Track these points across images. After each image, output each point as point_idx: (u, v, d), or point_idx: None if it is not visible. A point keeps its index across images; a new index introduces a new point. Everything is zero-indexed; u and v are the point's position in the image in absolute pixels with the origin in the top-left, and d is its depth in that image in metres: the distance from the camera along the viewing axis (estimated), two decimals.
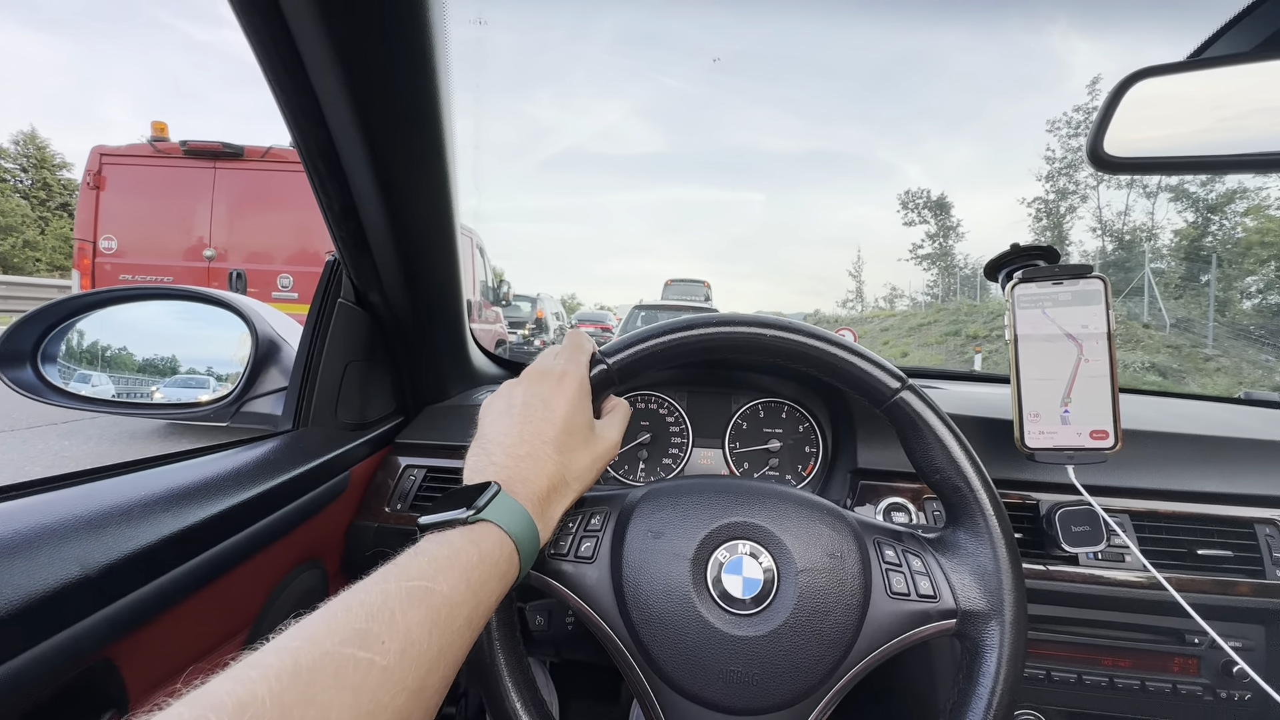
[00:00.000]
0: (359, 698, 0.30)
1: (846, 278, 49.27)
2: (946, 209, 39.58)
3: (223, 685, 0.27)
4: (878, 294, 46.59)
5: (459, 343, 0.99)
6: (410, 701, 0.33)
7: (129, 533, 0.48)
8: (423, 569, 0.37)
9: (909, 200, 40.43)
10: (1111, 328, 0.70)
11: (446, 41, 0.61)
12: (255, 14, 0.50)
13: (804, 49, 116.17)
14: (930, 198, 39.87)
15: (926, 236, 39.96)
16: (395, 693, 0.32)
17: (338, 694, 0.29)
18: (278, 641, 0.30)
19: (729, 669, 0.49)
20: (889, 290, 44.79)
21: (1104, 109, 0.56)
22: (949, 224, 39.34)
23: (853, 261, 47.93)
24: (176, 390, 0.89)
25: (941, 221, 39.44)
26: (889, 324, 25.09)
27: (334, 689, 0.29)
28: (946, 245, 38.94)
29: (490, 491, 0.44)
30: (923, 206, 39.95)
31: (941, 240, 39.18)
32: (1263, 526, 0.75)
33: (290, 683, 0.28)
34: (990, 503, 0.52)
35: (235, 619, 0.63)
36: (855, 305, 46.18)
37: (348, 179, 0.67)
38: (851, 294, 47.81)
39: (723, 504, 0.54)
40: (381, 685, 0.31)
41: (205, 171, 5.07)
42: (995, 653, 0.49)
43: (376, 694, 0.31)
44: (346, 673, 0.30)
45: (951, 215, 39.67)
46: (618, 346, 0.58)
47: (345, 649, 0.31)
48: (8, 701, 0.37)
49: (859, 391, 0.56)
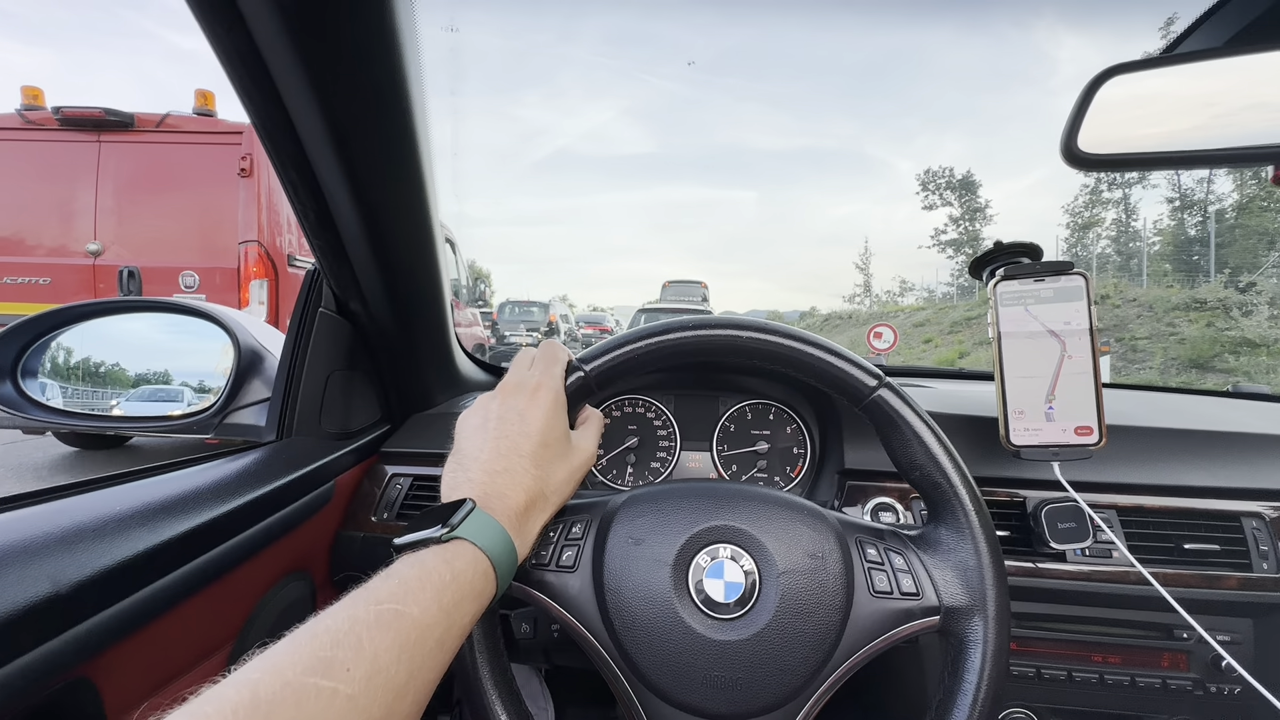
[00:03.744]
0: None
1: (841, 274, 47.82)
2: (973, 189, 36.16)
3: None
4: (886, 287, 43.79)
5: (444, 350, 0.98)
6: None
7: (103, 548, 0.47)
8: (393, 591, 0.37)
9: (929, 181, 37.06)
10: (1094, 324, 0.70)
11: (417, 46, 0.61)
12: (219, 26, 0.50)
13: (791, 46, 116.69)
14: (954, 177, 36.49)
15: (950, 220, 36.76)
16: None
17: None
18: (239, 673, 0.30)
19: (713, 674, 0.49)
20: (898, 283, 41.89)
21: (1077, 106, 0.56)
22: (976, 205, 36.06)
23: (859, 254, 44.36)
24: (146, 404, 0.88)
25: (967, 203, 36.19)
26: (921, 318, 21.63)
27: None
28: (974, 229, 35.70)
29: (465, 509, 0.44)
30: (945, 187, 36.69)
31: (967, 224, 36.01)
32: (1249, 520, 0.75)
33: (247, 716, 0.28)
34: (970, 498, 0.52)
35: (220, 632, 0.63)
36: (863, 300, 42.81)
37: (322, 188, 0.66)
38: (859, 288, 44.46)
39: (703, 508, 0.54)
40: (345, 714, 0.30)
41: (88, 146, 4.08)
42: (979, 648, 0.49)
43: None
44: (308, 703, 0.29)
45: (978, 195, 36.28)
46: (595, 353, 0.58)
47: (307, 678, 0.30)
48: None
49: (838, 391, 0.56)
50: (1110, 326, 13.72)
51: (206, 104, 4.28)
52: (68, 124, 4.09)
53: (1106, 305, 14.52)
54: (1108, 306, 14.45)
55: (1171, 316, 13.09)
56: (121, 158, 4.12)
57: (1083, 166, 0.58)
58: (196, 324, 0.87)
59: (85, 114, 4.06)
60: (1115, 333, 13.32)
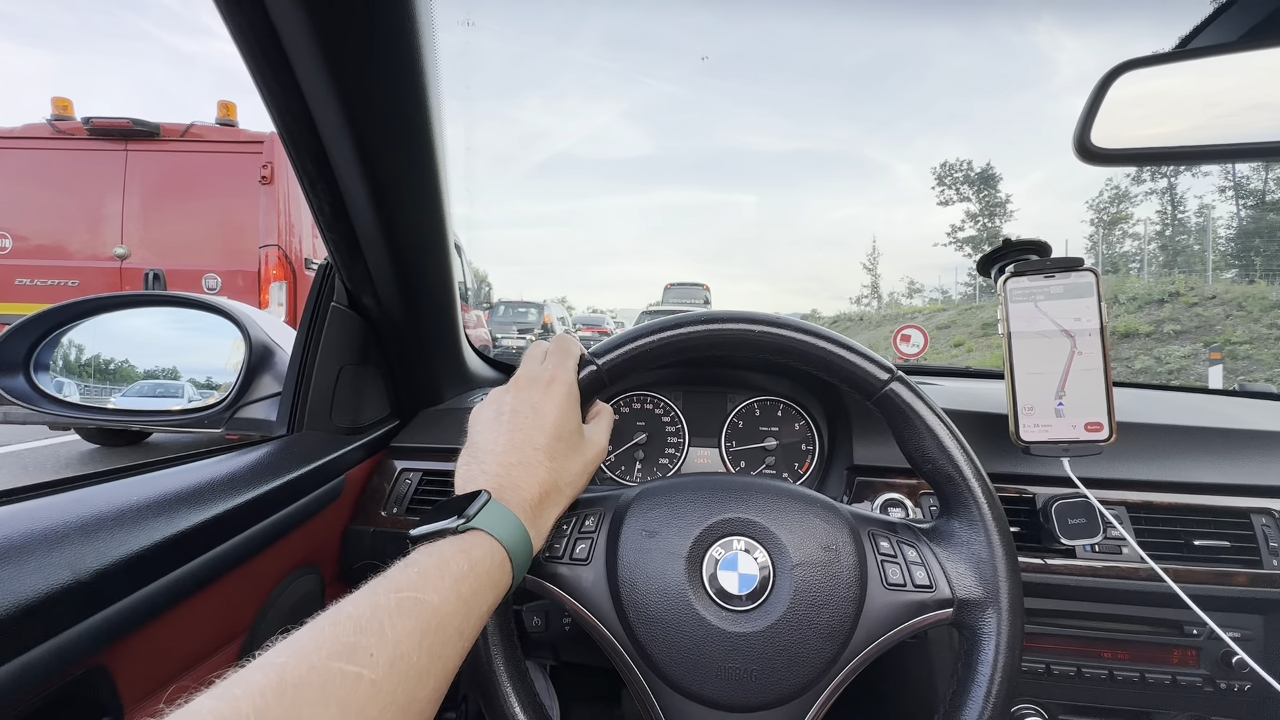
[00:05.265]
0: (346, 712, 0.29)
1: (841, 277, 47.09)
2: (992, 183, 34.41)
3: (206, 703, 0.27)
4: (890, 289, 42.25)
5: (454, 345, 0.98)
6: (400, 715, 0.32)
7: (121, 538, 0.48)
8: (412, 580, 0.37)
9: (945, 174, 35.51)
10: (1104, 321, 0.71)
11: (435, 42, 0.61)
12: (241, 17, 0.50)
13: (790, 49, 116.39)
14: (972, 170, 34.85)
15: (967, 216, 35.18)
16: (384, 706, 0.31)
17: (324, 709, 0.29)
18: (264, 657, 0.30)
19: (727, 666, 0.49)
20: (907, 283, 40.51)
21: (1090, 101, 0.56)
22: (996, 200, 34.38)
23: (867, 254, 43.21)
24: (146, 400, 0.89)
25: (986, 198, 34.55)
26: (944, 320, 19.97)
27: (320, 704, 0.29)
28: (994, 226, 34.13)
29: (481, 500, 0.44)
30: (962, 181, 35.15)
31: (986, 220, 34.43)
32: (1259, 516, 0.75)
33: (275, 699, 0.28)
34: (983, 491, 0.52)
35: (231, 624, 0.63)
36: (870, 301, 41.05)
37: (338, 182, 0.66)
38: (866, 289, 42.96)
39: (716, 501, 0.54)
40: (370, 699, 0.31)
41: (115, 155, 4.29)
42: (993, 640, 0.49)
43: (365, 708, 0.30)
44: (334, 687, 0.30)
45: (998, 190, 34.46)
46: (607, 347, 0.58)
47: (332, 663, 0.30)
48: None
49: (849, 384, 0.56)
50: (1192, 329, 12.22)
51: (229, 115, 4.48)
52: (96, 134, 4.29)
53: (1179, 304, 12.88)
54: (1181, 305, 12.83)
55: (1273, 316, 11.57)
56: (147, 166, 4.32)
57: (1095, 161, 0.58)
58: (208, 319, 0.87)
59: (113, 124, 4.26)
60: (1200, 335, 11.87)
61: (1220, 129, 0.56)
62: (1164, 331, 12.42)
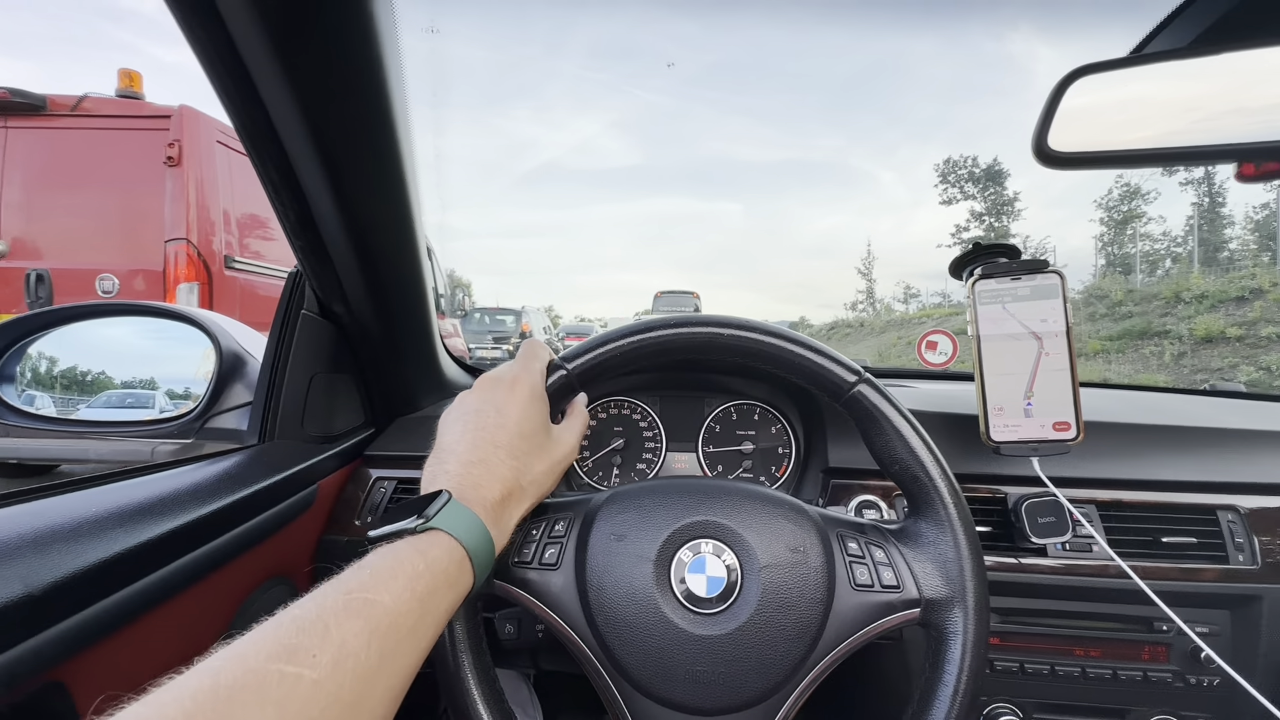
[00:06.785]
0: (284, 713, 0.29)
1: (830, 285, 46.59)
2: (999, 180, 32.20)
3: (133, 710, 0.26)
4: (881, 295, 40.63)
5: (429, 352, 0.98)
6: (346, 713, 0.32)
7: (78, 550, 0.47)
8: (363, 581, 0.37)
9: (949, 171, 33.16)
10: (1070, 322, 0.72)
11: (397, 46, 0.61)
12: (196, 23, 0.50)
13: (775, 60, 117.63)
14: (976, 167, 32.61)
15: (972, 215, 32.96)
16: (326, 705, 0.31)
17: (260, 710, 0.28)
18: (201, 664, 0.30)
19: (695, 669, 0.49)
20: (903, 288, 38.24)
21: (1047, 106, 0.57)
22: (1003, 199, 32.24)
23: (861, 259, 41.30)
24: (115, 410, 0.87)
25: (992, 196, 32.44)
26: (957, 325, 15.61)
27: (256, 705, 0.28)
28: (1001, 226, 32.17)
29: (441, 500, 0.44)
30: (967, 179, 32.91)
31: (993, 220, 32.43)
32: (1224, 513, 0.76)
33: (208, 702, 0.27)
34: (949, 491, 0.53)
35: (199, 637, 0.62)
36: (867, 307, 39.15)
37: (303, 188, 0.66)
38: (861, 294, 41.16)
39: (685, 504, 0.54)
40: (310, 699, 0.30)
41: None
42: (960, 639, 0.50)
43: (304, 708, 0.30)
44: (270, 689, 0.29)
45: (1005, 187, 32.23)
46: (577, 352, 0.58)
47: (271, 665, 0.30)
48: None
49: (817, 387, 0.57)
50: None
51: (131, 85, 3.67)
52: None
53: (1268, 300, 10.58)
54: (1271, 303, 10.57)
55: None
56: (31, 145, 3.56)
57: (1054, 164, 0.59)
58: (178, 328, 0.86)
59: None
60: None
61: (1174, 132, 0.57)
62: (1259, 335, 10.24)
